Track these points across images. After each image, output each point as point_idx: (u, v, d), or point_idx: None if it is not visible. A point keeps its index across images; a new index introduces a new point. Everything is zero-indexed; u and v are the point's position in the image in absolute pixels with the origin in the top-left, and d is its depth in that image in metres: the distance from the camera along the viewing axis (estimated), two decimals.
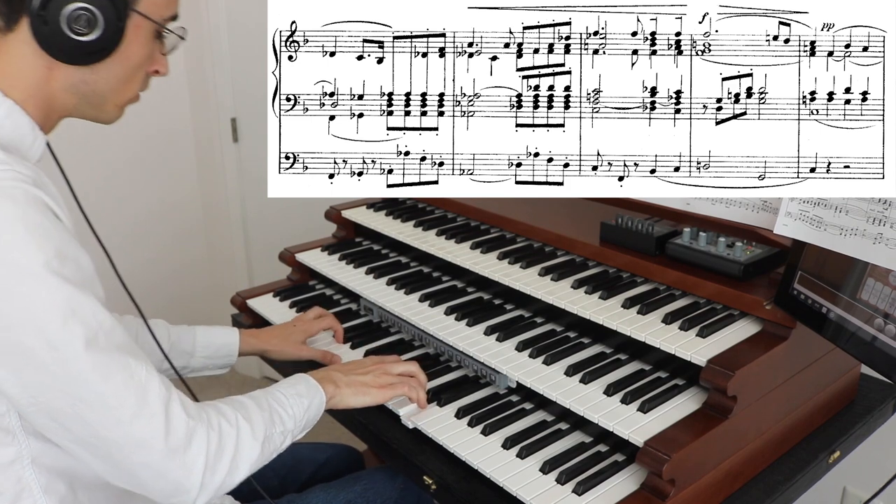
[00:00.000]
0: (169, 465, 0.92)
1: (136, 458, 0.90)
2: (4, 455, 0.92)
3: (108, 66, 0.96)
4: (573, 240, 1.42)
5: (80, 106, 1.00)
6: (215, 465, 0.95)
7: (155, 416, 0.90)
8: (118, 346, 0.89)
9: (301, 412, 1.10)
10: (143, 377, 0.90)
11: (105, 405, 0.87)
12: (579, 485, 1.06)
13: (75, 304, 0.85)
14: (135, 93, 1.04)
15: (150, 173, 2.83)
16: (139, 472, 0.91)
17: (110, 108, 1.02)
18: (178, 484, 0.93)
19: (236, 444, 0.98)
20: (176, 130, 2.87)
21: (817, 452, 1.22)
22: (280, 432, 1.06)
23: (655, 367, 1.23)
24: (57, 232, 0.86)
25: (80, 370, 0.85)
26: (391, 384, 1.24)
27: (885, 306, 0.94)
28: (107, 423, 0.88)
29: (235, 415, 1.01)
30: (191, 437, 0.93)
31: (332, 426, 1.56)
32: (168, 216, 2.91)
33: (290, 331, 1.46)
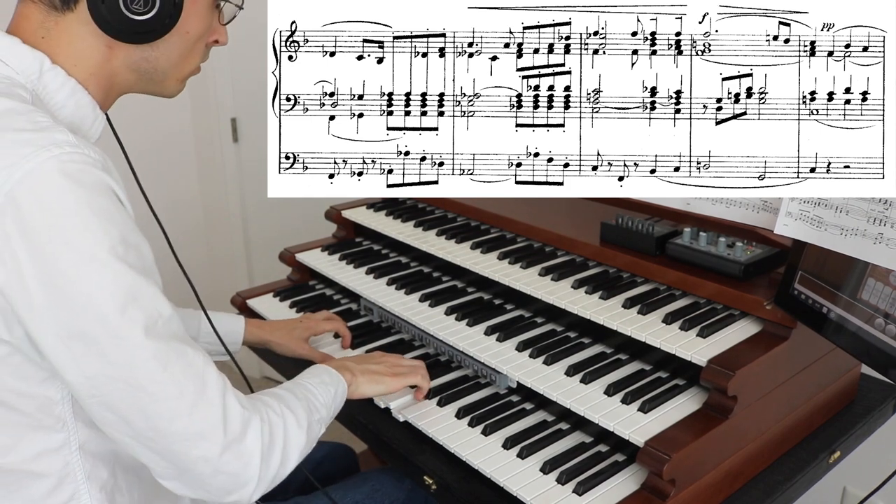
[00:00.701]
0: (227, 457, 0.90)
1: (195, 451, 0.89)
2: (54, 441, 0.92)
3: (168, 42, 0.97)
4: (573, 240, 1.42)
5: (140, 82, 1.01)
6: (269, 457, 0.95)
7: (213, 407, 0.89)
8: (176, 335, 0.89)
9: (329, 400, 1.11)
10: (201, 366, 0.90)
11: (165, 394, 0.86)
12: (580, 485, 1.06)
13: (137, 291, 0.84)
14: (196, 65, 1.04)
15: (150, 173, 2.81)
16: (198, 467, 0.90)
17: (171, 82, 1.03)
18: (236, 477, 0.92)
19: (285, 434, 0.98)
20: (176, 130, 2.87)
21: (817, 452, 1.22)
22: (317, 420, 1.06)
23: (656, 367, 1.23)
24: (122, 218, 0.86)
25: (140, 357, 0.84)
26: (402, 373, 1.25)
27: (886, 306, 0.94)
28: (167, 413, 0.86)
29: (280, 406, 1.00)
30: (246, 428, 0.92)
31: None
32: (168, 216, 2.89)
33: (295, 325, 1.47)
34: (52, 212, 0.80)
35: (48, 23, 0.92)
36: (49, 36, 0.93)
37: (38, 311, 0.81)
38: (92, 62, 0.95)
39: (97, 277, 0.82)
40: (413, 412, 1.26)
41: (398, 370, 1.26)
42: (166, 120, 2.82)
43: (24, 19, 0.93)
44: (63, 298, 0.81)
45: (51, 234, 0.80)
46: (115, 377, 0.84)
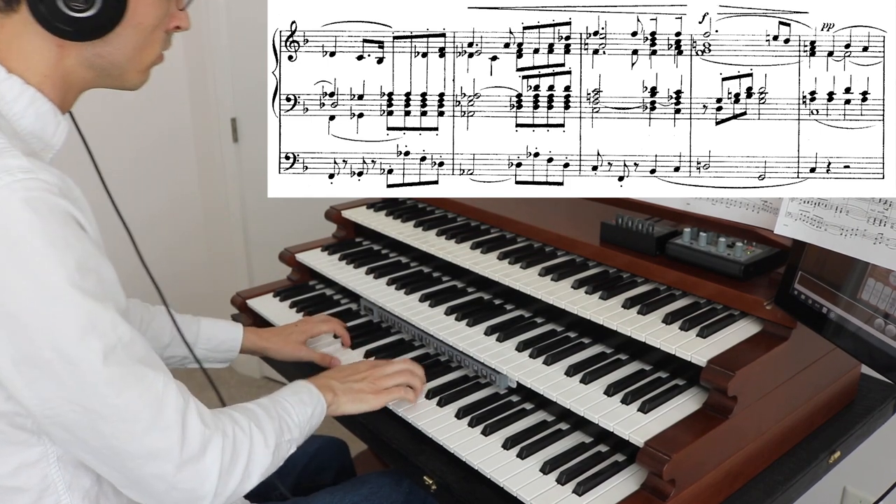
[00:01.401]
0: (182, 475, 0.91)
1: (149, 469, 0.90)
2: (30, 455, 0.92)
3: (121, 35, 0.93)
4: (573, 240, 1.42)
5: (99, 79, 0.98)
6: (229, 474, 0.95)
7: (170, 428, 0.90)
8: (137, 358, 0.89)
9: (305, 420, 1.11)
10: (160, 389, 0.90)
11: (120, 418, 0.87)
12: (579, 485, 1.06)
13: (95, 318, 0.84)
14: (156, 54, 1.01)
15: (150, 173, 2.83)
16: (152, 483, 0.91)
17: (132, 75, 0.99)
18: (191, 493, 0.93)
19: (249, 452, 0.98)
20: (176, 130, 2.87)
21: (817, 452, 1.22)
22: (287, 440, 1.07)
23: (656, 367, 1.23)
24: (80, 243, 0.85)
25: (95, 384, 0.85)
26: (386, 389, 1.24)
27: (886, 306, 0.94)
28: (121, 435, 0.87)
29: (249, 423, 1.01)
30: (206, 446, 0.93)
31: None
32: (168, 216, 2.91)
33: (291, 330, 1.47)
34: (4, 241, 0.80)
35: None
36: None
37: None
38: (44, 64, 0.92)
39: (53, 308, 0.82)
40: (413, 412, 1.26)
41: (381, 385, 1.24)
42: (167, 120, 2.82)
43: None
44: (18, 326, 0.81)
45: (4, 264, 0.80)
46: (70, 400, 0.85)
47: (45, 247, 0.81)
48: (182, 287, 2.98)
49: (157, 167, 2.84)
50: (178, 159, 2.90)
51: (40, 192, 0.82)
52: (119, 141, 2.69)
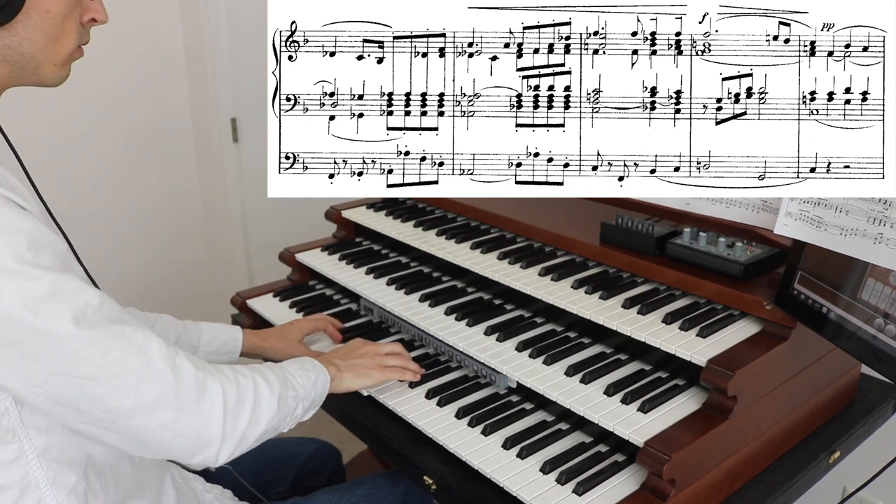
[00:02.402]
0: (185, 419, 0.92)
1: (151, 422, 0.90)
2: (7, 453, 0.92)
3: (27, 24, 0.89)
4: (573, 240, 1.42)
5: (14, 73, 0.93)
6: (236, 415, 0.96)
7: (161, 375, 0.90)
8: (110, 318, 0.89)
9: (310, 385, 1.12)
10: (140, 340, 0.90)
11: (110, 375, 0.87)
12: (579, 485, 1.06)
13: (56, 289, 0.84)
14: (72, 47, 0.95)
15: (150, 173, 2.82)
16: (158, 435, 0.91)
17: (48, 69, 0.94)
18: (197, 437, 0.93)
19: (255, 395, 0.99)
20: (176, 130, 2.87)
21: (817, 452, 1.22)
22: (293, 397, 1.07)
23: (656, 367, 1.23)
24: (26, 223, 0.85)
25: (75, 349, 0.85)
26: (388, 366, 1.28)
27: (886, 306, 0.94)
28: (115, 393, 0.88)
29: (251, 372, 1.02)
30: (203, 388, 0.93)
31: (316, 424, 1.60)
32: (168, 216, 2.91)
33: (287, 329, 1.48)
34: None
35: None
36: None
37: None
38: None
39: (10, 287, 0.82)
40: (413, 412, 1.26)
41: (381, 362, 1.28)
42: (166, 119, 2.82)
43: None
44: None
45: None
46: (57, 372, 0.85)
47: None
48: (182, 287, 2.99)
49: (156, 167, 2.84)
50: (177, 159, 2.90)
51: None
52: (118, 140, 2.69)
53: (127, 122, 2.69)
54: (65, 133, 2.48)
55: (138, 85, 2.67)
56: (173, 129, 2.86)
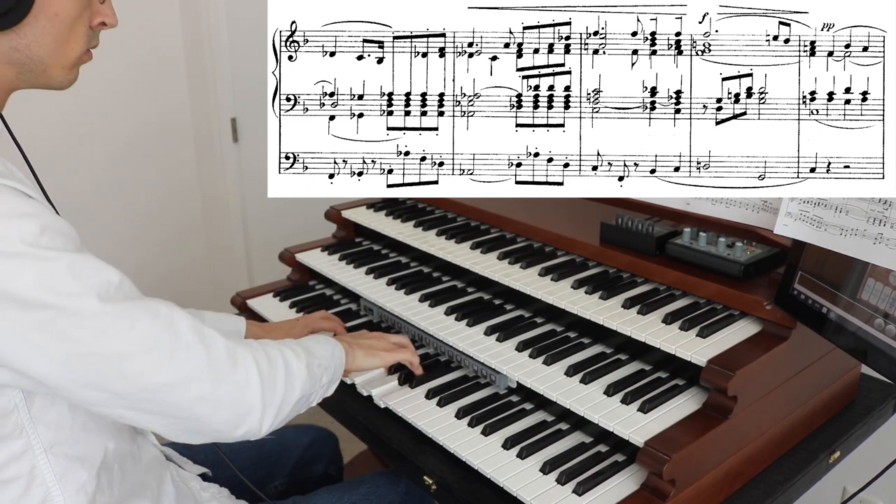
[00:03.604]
0: (222, 389, 0.91)
1: (188, 394, 0.90)
2: (16, 447, 0.92)
3: (36, 27, 0.89)
4: (573, 240, 1.42)
5: (22, 76, 0.93)
6: (272, 380, 0.96)
7: (191, 347, 0.90)
8: (132, 295, 0.89)
9: (328, 355, 1.13)
10: (166, 313, 0.90)
11: (139, 350, 0.86)
12: (579, 485, 1.06)
13: (76, 268, 0.84)
14: (80, 51, 0.95)
15: (150, 173, 2.83)
16: (197, 409, 0.91)
17: (56, 71, 0.94)
18: (237, 406, 0.93)
19: (285, 362, 1.00)
20: (176, 130, 2.87)
21: (817, 452, 1.22)
22: (318, 365, 1.08)
23: (656, 367, 1.23)
24: (35, 209, 0.84)
25: (102, 325, 0.84)
26: (396, 348, 1.30)
27: (885, 306, 0.94)
28: (149, 369, 0.87)
29: (276, 343, 1.03)
30: (234, 356, 0.93)
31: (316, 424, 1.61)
32: (168, 215, 2.91)
33: (293, 325, 1.48)
34: None
35: None
36: None
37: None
38: None
39: (29, 270, 0.81)
40: (413, 412, 1.26)
41: (389, 344, 1.30)
42: (166, 119, 2.82)
43: None
44: (6, 299, 0.81)
45: None
46: (86, 353, 0.84)
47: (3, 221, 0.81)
48: (182, 287, 2.99)
49: (156, 167, 2.84)
50: (177, 159, 2.90)
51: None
52: (118, 141, 2.69)
53: (127, 121, 2.69)
54: (65, 132, 2.48)
55: (138, 85, 2.67)
56: (173, 128, 2.86)
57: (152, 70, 2.68)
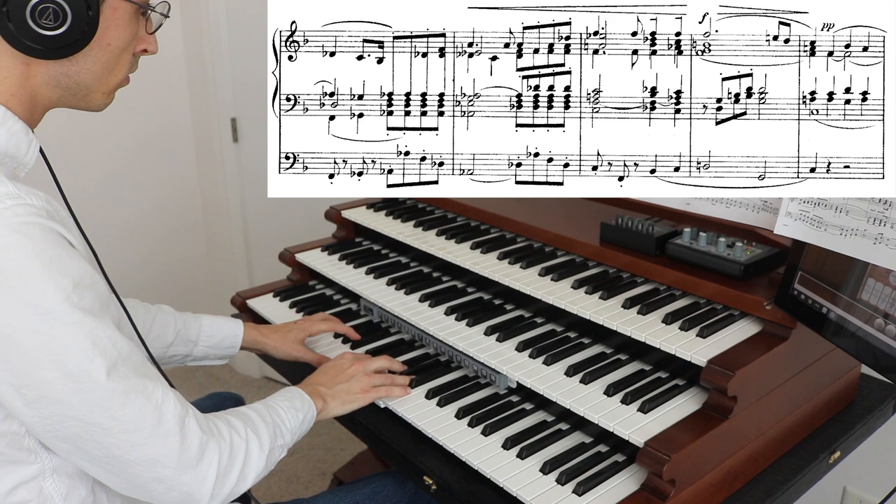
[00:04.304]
0: (181, 478, 0.93)
1: (149, 474, 0.92)
2: (28, 472, 0.93)
3: (88, 55, 0.93)
4: (573, 240, 1.42)
5: (64, 98, 0.96)
6: (226, 476, 0.98)
7: (170, 435, 0.92)
8: (136, 370, 0.91)
9: (297, 426, 1.13)
10: (159, 399, 0.92)
11: (122, 429, 0.88)
12: (579, 485, 1.06)
13: (95, 336, 0.85)
14: (122, 77, 1.00)
15: (150, 173, 2.83)
16: (152, 486, 0.93)
17: (97, 96, 0.98)
18: (189, 495, 0.95)
19: (245, 456, 1.01)
20: (176, 130, 2.87)
21: (817, 452, 1.22)
22: (280, 445, 1.09)
23: (656, 367, 1.23)
24: (74, 262, 0.86)
25: (99, 399, 0.86)
26: (375, 387, 1.27)
27: (885, 306, 0.94)
28: (123, 445, 0.89)
29: (245, 428, 1.03)
30: (203, 450, 0.95)
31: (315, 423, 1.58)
32: (168, 216, 2.92)
33: (290, 328, 1.47)
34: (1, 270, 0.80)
35: None
36: None
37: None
38: (11, 81, 0.91)
39: (55, 332, 0.83)
40: (413, 412, 1.26)
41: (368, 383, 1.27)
42: (166, 120, 2.82)
43: None
44: (17, 352, 0.82)
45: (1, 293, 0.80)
46: (71, 416, 0.86)
47: (41, 271, 0.82)
48: (182, 287, 2.99)
49: (156, 167, 2.84)
50: (177, 159, 2.90)
51: (30, 216, 0.83)
52: (118, 141, 2.69)
53: (127, 122, 2.69)
54: (65, 133, 2.48)
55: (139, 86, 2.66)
56: (173, 129, 2.86)
57: (152, 71, 2.67)
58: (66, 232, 0.87)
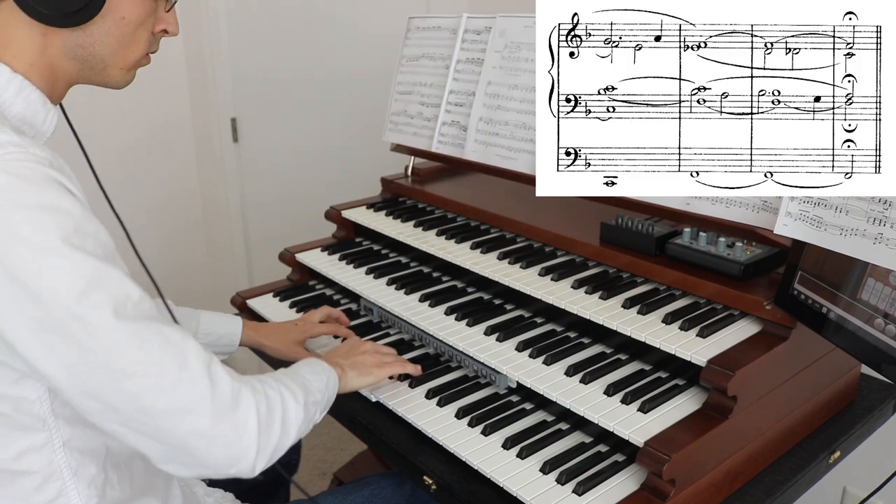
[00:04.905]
0: (220, 428, 0.90)
1: (184, 426, 0.88)
2: (36, 440, 0.92)
3: (102, 26, 0.94)
4: (573, 240, 1.42)
5: (83, 71, 0.98)
6: (269, 426, 0.95)
7: (197, 380, 0.89)
8: (150, 315, 0.89)
9: (323, 386, 1.12)
10: (179, 341, 0.89)
11: (145, 373, 0.86)
12: (579, 485, 1.06)
13: (99, 277, 0.84)
14: (140, 54, 1.00)
15: (150, 173, 2.82)
16: (191, 442, 0.89)
17: (115, 71, 0.99)
18: (232, 448, 0.91)
19: (283, 406, 0.99)
20: (176, 130, 2.87)
21: (817, 452, 1.22)
22: (313, 402, 1.07)
23: (656, 367, 1.23)
24: (76, 209, 0.86)
25: (113, 340, 0.84)
26: (387, 363, 1.29)
27: (885, 306, 0.94)
28: (149, 392, 0.86)
29: (276, 382, 1.02)
30: (237, 397, 0.92)
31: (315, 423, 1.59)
32: (168, 216, 2.91)
33: (289, 329, 1.46)
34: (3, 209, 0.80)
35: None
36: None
37: (6, 308, 0.81)
38: (30, 52, 0.93)
39: (56, 269, 0.82)
40: (413, 412, 1.26)
41: (380, 359, 1.29)
42: (166, 119, 2.82)
43: None
44: (27, 293, 0.81)
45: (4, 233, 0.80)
46: (93, 363, 0.84)
47: (41, 212, 0.82)
48: (181, 286, 2.99)
49: (156, 167, 2.84)
50: (177, 159, 2.90)
51: (32, 163, 0.84)
52: (118, 140, 2.68)
53: (127, 121, 2.69)
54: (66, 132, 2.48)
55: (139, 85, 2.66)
56: (173, 128, 2.86)
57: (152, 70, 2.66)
58: (68, 184, 0.87)
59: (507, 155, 1.52)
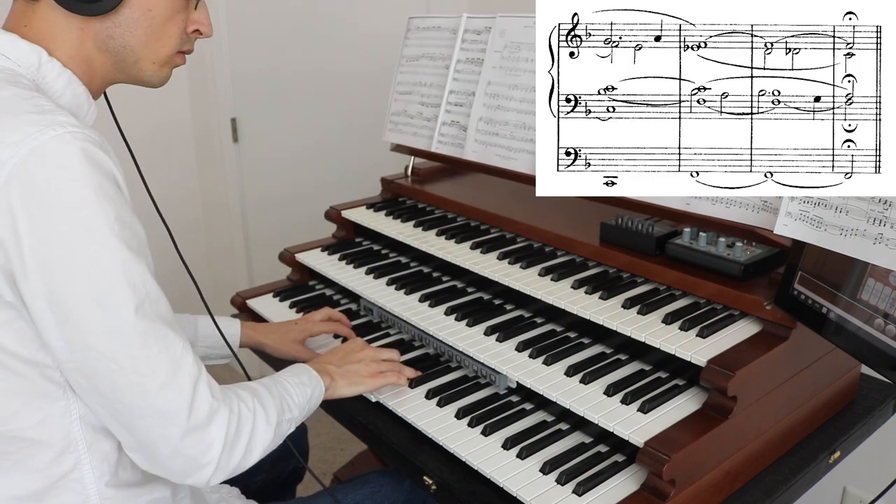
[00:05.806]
0: (187, 441, 0.93)
1: (156, 430, 0.92)
2: (55, 408, 0.94)
3: (129, 17, 0.98)
4: (573, 240, 1.42)
5: (118, 66, 1.01)
6: (232, 447, 0.98)
7: (182, 392, 0.92)
8: (161, 317, 0.92)
9: (304, 401, 1.14)
10: (178, 351, 0.92)
11: (137, 371, 0.89)
12: (579, 485, 1.06)
13: (129, 268, 0.88)
14: (171, 50, 1.04)
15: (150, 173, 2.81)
16: (158, 445, 0.93)
17: (147, 65, 1.03)
18: (193, 461, 0.95)
19: (252, 428, 1.01)
20: (176, 130, 2.87)
21: (817, 452, 1.22)
22: (287, 419, 1.09)
23: (655, 367, 1.23)
24: (119, 198, 0.89)
25: (121, 332, 0.88)
26: (382, 373, 1.29)
27: (885, 306, 0.94)
28: (135, 389, 0.89)
29: (253, 401, 1.03)
30: (212, 417, 0.95)
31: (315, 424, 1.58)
32: (168, 216, 2.90)
33: (290, 328, 1.47)
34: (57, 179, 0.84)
35: (28, 13, 0.96)
36: (30, 25, 0.96)
37: (31, 271, 0.84)
38: (69, 45, 0.97)
39: (95, 247, 0.85)
40: (413, 412, 1.26)
41: (376, 368, 1.28)
42: (166, 119, 2.82)
43: (12, 14, 0.98)
44: (57, 261, 0.84)
45: (53, 201, 0.83)
46: (92, 346, 0.87)
47: (93, 195, 0.85)
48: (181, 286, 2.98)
49: (156, 167, 2.83)
50: (177, 159, 2.90)
51: (91, 144, 0.88)
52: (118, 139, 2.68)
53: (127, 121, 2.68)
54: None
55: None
56: (173, 129, 2.86)
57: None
58: (116, 172, 0.91)
59: (507, 155, 1.52)
